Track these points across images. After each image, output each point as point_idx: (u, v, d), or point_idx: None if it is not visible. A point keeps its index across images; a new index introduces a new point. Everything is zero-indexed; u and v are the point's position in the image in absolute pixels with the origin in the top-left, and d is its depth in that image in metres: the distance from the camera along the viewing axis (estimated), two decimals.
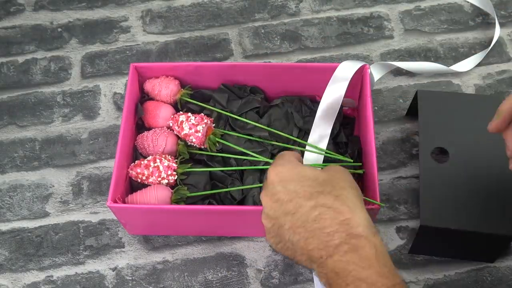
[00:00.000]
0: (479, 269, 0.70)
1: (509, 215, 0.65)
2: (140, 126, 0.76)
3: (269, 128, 0.73)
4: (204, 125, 0.71)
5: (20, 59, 0.89)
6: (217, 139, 0.72)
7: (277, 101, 0.77)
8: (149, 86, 0.76)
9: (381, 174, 0.77)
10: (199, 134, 0.71)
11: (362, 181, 0.72)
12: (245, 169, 0.72)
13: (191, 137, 0.71)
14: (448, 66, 0.85)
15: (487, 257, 0.70)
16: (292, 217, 0.50)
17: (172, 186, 0.71)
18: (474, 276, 0.70)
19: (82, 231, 0.75)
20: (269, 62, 0.87)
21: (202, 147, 0.72)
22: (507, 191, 0.67)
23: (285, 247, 0.52)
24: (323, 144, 0.71)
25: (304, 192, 0.51)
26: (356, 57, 0.87)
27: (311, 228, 0.49)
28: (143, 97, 0.77)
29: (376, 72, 0.82)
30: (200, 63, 0.80)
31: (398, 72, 0.86)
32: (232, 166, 0.72)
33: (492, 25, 0.89)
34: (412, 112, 0.80)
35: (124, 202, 0.68)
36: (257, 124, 0.73)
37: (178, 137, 0.73)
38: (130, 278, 0.71)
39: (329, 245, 0.48)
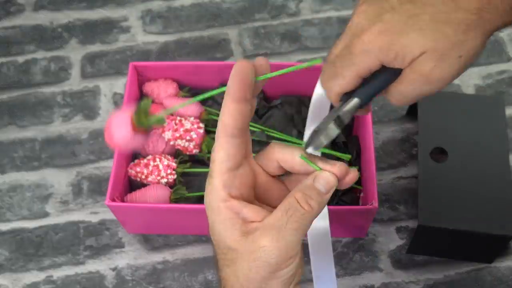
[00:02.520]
0: (479, 269, 0.70)
1: (507, 216, 0.65)
2: None
3: (266, 128, 0.73)
4: (203, 124, 0.72)
5: (20, 59, 0.89)
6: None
7: (276, 102, 0.77)
8: (148, 88, 0.76)
9: (381, 174, 0.77)
10: (201, 131, 0.71)
11: (359, 182, 0.72)
12: None
13: (192, 133, 0.71)
14: None
15: (485, 257, 0.70)
16: None
17: (171, 185, 0.71)
18: (474, 276, 0.70)
19: (82, 231, 0.75)
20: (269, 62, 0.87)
21: (195, 151, 0.72)
22: (506, 191, 0.67)
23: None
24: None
25: None
26: None
27: None
28: (142, 99, 0.77)
29: None
30: (199, 62, 0.80)
31: None
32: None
33: None
34: (412, 112, 0.80)
35: (122, 200, 0.68)
36: (256, 125, 0.74)
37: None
38: (130, 278, 0.71)
39: None
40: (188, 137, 0.70)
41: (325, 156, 0.72)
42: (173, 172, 0.70)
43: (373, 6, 0.43)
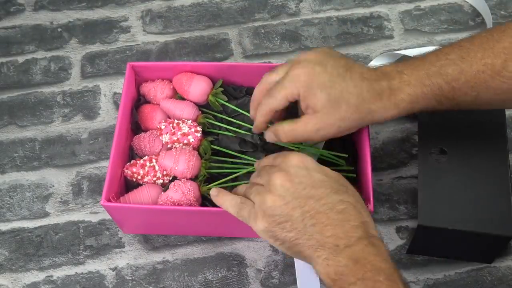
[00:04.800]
0: (479, 269, 0.70)
1: (507, 216, 0.65)
2: (137, 128, 0.76)
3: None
4: (201, 127, 0.72)
5: (20, 59, 0.89)
6: (212, 145, 0.72)
7: None
8: (145, 89, 0.76)
9: (381, 174, 0.77)
10: (199, 134, 0.71)
11: (355, 183, 0.71)
12: (238, 171, 0.71)
13: (189, 137, 0.71)
14: None
15: (485, 257, 0.70)
16: (316, 202, 0.53)
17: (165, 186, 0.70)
18: (474, 276, 0.70)
19: (82, 231, 0.75)
20: (269, 62, 0.87)
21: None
22: (505, 192, 0.67)
23: (291, 227, 0.53)
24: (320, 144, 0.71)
25: (331, 186, 0.54)
26: (356, 57, 0.87)
27: (334, 217, 0.52)
28: (139, 100, 0.77)
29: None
30: (197, 62, 0.80)
31: None
32: (227, 166, 0.72)
33: (493, 25, 0.89)
34: None
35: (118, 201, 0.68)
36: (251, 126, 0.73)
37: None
38: (130, 278, 0.71)
39: (351, 236, 0.51)
40: (185, 141, 0.70)
41: (323, 156, 0.71)
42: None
43: (319, 57, 0.60)
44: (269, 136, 0.65)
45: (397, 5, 0.92)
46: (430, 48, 0.85)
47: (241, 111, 0.74)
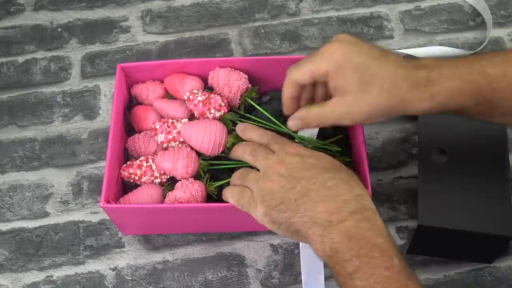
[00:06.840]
0: (479, 269, 0.70)
1: (507, 216, 0.65)
2: (130, 129, 0.76)
3: (258, 120, 0.73)
4: None
5: (20, 59, 0.89)
6: None
7: (265, 99, 0.76)
8: (136, 91, 0.76)
9: (381, 174, 0.77)
10: None
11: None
12: (235, 166, 0.71)
13: None
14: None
15: (485, 257, 0.70)
16: (307, 181, 0.55)
17: (164, 185, 0.70)
18: (474, 276, 0.70)
19: (82, 231, 0.75)
20: None
21: None
22: (505, 192, 0.67)
23: (286, 208, 0.55)
24: (314, 133, 0.70)
25: (322, 166, 0.56)
26: None
27: (325, 194, 0.54)
28: (131, 102, 0.77)
29: None
30: (187, 59, 0.79)
31: None
32: (223, 163, 0.72)
33: (493, 25, 0.89)
34: None
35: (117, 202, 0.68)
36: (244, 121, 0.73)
37: None
38: (130, 278, 0.71)
39: (343, 210, 0.52)
40: (181, 139, 0.70)
41: (316, 147, 0.71)
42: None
43: (355, 39, 0.58)
44: (292, 123, 0.61)
45: (397, 5, 0.92)
46: (431, 48, 0.85)
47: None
